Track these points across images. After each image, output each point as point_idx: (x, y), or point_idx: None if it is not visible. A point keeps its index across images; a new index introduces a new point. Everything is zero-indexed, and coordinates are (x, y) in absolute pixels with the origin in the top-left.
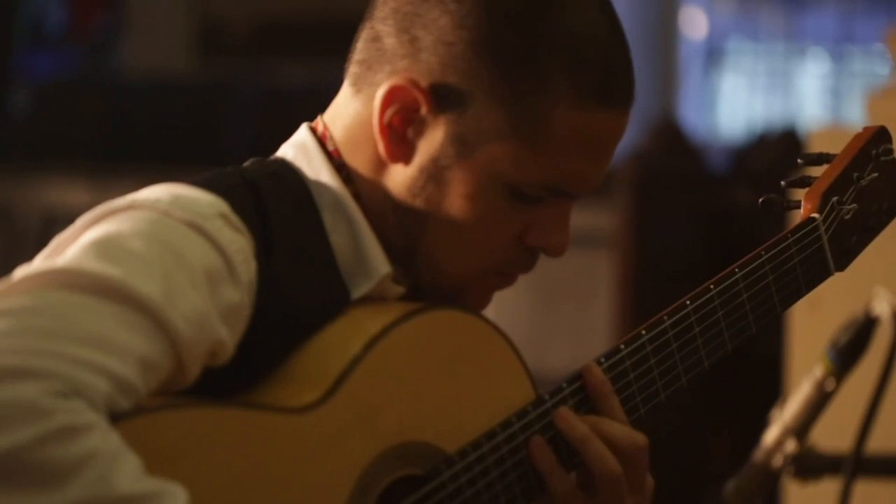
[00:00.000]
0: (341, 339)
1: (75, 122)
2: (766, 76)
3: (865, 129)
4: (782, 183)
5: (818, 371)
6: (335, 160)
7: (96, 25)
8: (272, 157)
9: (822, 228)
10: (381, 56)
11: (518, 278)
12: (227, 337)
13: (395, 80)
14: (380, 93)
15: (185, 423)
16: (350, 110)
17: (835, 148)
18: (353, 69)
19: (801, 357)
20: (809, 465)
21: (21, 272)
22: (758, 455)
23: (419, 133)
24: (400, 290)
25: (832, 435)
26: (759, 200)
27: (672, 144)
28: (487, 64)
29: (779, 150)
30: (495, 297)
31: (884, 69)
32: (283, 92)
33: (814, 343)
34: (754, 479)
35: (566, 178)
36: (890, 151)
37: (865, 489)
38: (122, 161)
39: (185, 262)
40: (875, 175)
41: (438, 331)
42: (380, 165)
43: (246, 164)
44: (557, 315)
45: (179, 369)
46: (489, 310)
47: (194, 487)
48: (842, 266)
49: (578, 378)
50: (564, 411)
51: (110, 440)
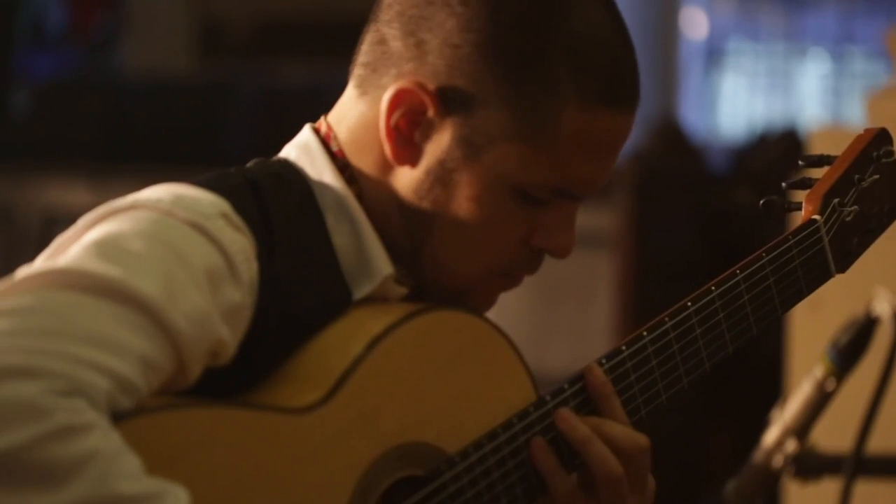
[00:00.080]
0: (343, 339)
1: (75, 122)
2: (767, 76)
3: (866, 130)
4: (783, 185)
5: (819, 371)
6: (339, 160)
7: (96, 25)
8: (275, 158)
9: (824, 230)
10: (386, 59)
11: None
12: (229, 337)
13: (402, 83)
14: (386, 96)
15: (186, 423)
16: (355, 112)
17: (835, 148)
18: (357, 71)
19: (801, 357)
20: (810, 465)
21: (23, 272)
22: (758, 455)
23: (426, 136)
24: (402, 291)
25: (832, 435)
26: (760, 202)
27: (672, 144)
28: (494, 66)
29: (779, 150)
30: None
31: (884, 69)
32: (283, 92)
33: (814, 343)
34: (754, 479)
35: (572, 180)
36: (891, 153)
37: (866, 489)
38: (122, 161)
39: (187, 262)
40: (876, 177)
41: (440, 331)
42: (386, 167)
43: (249, 164)
44: (558, 315)
45: (181, 369)
46: (489, 310)
47: (195, 487)
48: (843, 268)
49: (580, 379)
50: (566, 412)
51: (111, 440)
